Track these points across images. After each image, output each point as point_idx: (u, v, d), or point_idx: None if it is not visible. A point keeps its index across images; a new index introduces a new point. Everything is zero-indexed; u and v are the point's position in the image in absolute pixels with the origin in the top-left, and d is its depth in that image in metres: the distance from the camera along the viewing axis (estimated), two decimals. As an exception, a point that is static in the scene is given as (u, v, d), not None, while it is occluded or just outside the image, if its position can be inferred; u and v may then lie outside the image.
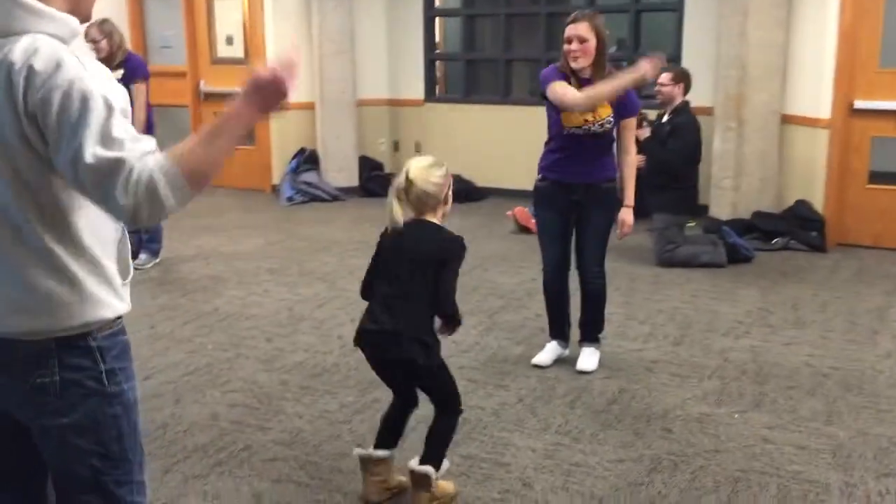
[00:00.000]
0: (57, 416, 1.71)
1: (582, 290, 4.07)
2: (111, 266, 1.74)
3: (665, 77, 6.04)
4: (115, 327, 1.75)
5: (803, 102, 6.48)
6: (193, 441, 3.32)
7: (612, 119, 3.78)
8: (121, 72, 5.57)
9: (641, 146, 6.00)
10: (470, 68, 8.78)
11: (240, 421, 3.49)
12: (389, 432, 2.92)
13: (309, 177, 8.39)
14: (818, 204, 6.38)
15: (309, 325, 4.69)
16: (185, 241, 6.43)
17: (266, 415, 3.55)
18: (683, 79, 6.06)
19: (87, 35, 5.52)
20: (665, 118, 6.11)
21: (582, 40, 3.71)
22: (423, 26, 8.68)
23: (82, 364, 1.70)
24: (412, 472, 2.81)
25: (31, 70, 1.52)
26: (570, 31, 3.73)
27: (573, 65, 3.75)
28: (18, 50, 1.54)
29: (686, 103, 6.04)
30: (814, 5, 6.32)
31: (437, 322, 2.80)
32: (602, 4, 7.99)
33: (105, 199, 1.54)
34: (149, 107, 5.78)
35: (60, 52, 1.56)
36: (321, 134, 8.53)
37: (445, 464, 2.85)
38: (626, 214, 3.96)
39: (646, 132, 6.01)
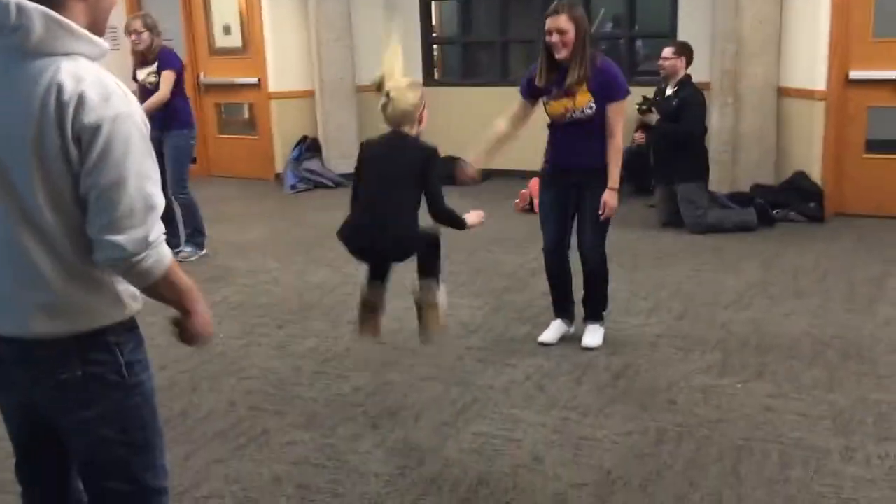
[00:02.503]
0: (82, 410, 1.80)
1: (583, 270, 4.13)
2: None
3: (668, 51, 6.12)
4: (130, 323, 1.85)
5: (799, 75, 6.53)
6: (213, 427, 3.41)
7: (592, 105, 3.81)
8: (156, 64, 5.62)
9: (652, 129, 6.20)
10: (467, 51, 8.82)
11: (256, 406, 3.59)
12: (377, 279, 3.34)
13: (312, 164, 8.47)
14: (816, 175, 6.44)
15: (318, 311, 4.78)
16: (192, 232, 6.52)
17: (282, 400, 3.65)
18: (685, 52, 6.12)
19: (129, 27, 5.61)
20: (669, 91, 6.18)
21: (562, 32, 3.75)
22: (420, 11, 8.72)
23: (103, 359, 1.79)
24: (420, 290, 3.26)
25: (82, 96, 1.61)
26: (550, 23, 3.78)
27: (557, 55, 3.80)
28: (66, 73, 1.63)
29: (688, 76, 6.12)
30: (807, -22, 6.35)
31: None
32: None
33: (120, 230, 1.65)
34: (185, 97, 5.80)
35: (108, 81, 1.66)
36: (322, 121, 8.59)
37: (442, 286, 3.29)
38: (610, 197, 3.89)
39: (654, 117, 6.13)
